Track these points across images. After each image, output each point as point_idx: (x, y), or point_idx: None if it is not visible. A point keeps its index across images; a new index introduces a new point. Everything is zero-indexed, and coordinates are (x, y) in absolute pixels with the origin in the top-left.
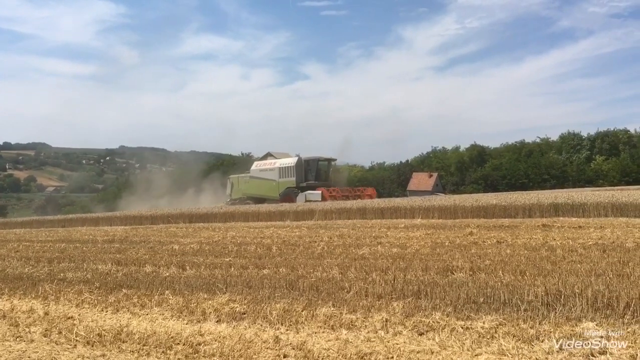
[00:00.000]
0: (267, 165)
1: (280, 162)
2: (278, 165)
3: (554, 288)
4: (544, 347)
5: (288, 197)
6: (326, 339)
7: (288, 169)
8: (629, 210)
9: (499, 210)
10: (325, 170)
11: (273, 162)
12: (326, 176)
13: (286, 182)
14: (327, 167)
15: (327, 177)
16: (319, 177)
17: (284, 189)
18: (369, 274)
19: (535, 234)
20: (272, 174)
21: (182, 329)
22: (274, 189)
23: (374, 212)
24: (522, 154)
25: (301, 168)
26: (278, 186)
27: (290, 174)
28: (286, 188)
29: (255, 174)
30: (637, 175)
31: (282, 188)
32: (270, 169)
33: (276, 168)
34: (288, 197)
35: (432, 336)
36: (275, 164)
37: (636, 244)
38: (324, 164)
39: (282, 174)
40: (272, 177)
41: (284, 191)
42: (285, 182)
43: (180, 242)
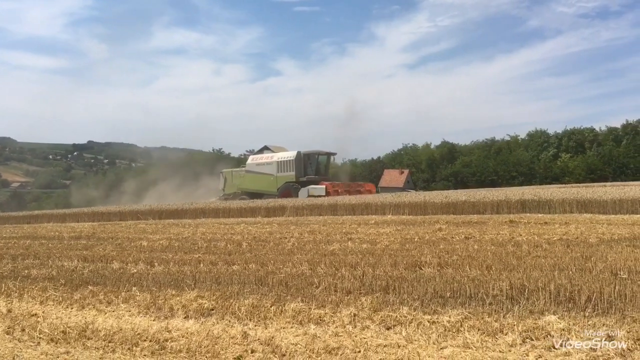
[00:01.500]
0: (264, 159)
1: (279, 155)
2: (276, 159)
3: (518, 282)
4: (507, 340)
5: (287, 192)
6: (294, 334)
7: (287, 163)
8: (593, 207)
9: (468, 207)
10: (324, 165)
11: (271, 155)
12: (325, 171)
13: (285, 176)
14: (326, 162)
15: (327, 172)
16: (319, 171)
17: (283, 184)
18: (338, 270)
19: (502, 230)
20: (270, 168)
21: (149, 325)
22: (271, 183)
23: (345, 209)
24: (491, 151)
25: (301, 162)
26: (276, 181)
27: (290, 169)
28: (285, 183)
29: (251, 168)
30: (602, 172)
31: (280, 183)
32: (268, 162)
33: (274, 162)
34: (287, 192)
35: (399, 330)
36: (274, 157)
37: (599, 240)
38: (324, 158)
39: (280, 168)
40: (270, 171)
41: (283, 186)
42: (283, 176)
43: (149, 239)
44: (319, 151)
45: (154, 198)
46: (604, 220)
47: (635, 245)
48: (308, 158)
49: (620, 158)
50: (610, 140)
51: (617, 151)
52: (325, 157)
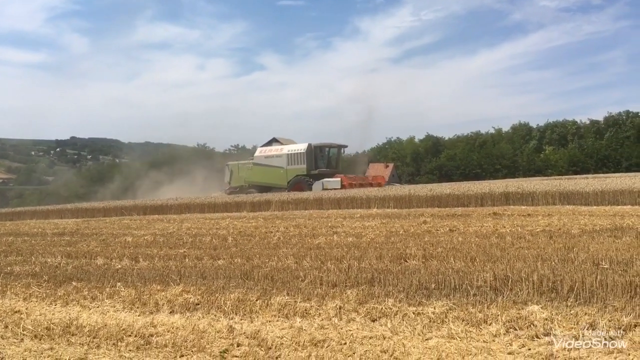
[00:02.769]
0: (273, 152)
1: (289, 148)
2: (286, 151)
3: (502, 273)
4: (491, 330)
5: (298, 185)
6: (280, 327)
7: (297, 156)
8: (576, 199)
9: (452, 200)
10: (335, 158)
11: (280, 148)
12: (337, 163)
13: (295, 169)
14: (337, 154)
15: (338, 165)
16: (330, 164)
17: (293, 177)
18: (324, 263)
19: (486, 222)
20: (280, 160)
21: (134, 320)
22: (281, 176)
23: (331, 203)
24: (475, 144)
25: (312, 155)
26: (286, 174)
27: (300, 161)
28: (295, 176)
29: (259, 161)
30: (584, 164)
31: (290, 176)
32: (278, 155)
33: (284, 154)
34: (298, 185)
35: (384, 322)
36: (283, 150)
37: (581, 230)
38: (335, 150)
39: (290, 160)
40: (279, 164)
41: (293, 179)
42: (294, 169)
43: (133, 234)
44: (330, 144)
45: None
46: (586, 211)
47: (616, 236)
48: (320, 150)
49: (602, 150)
50: (592, 133)
51: (599, 144)
52: (336, 150)
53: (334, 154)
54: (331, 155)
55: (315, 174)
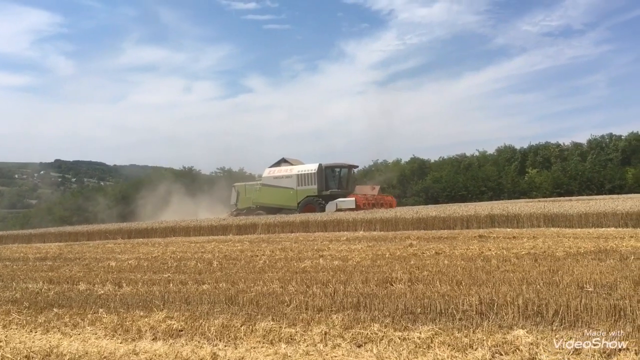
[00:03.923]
0: (282, 172)
1: (299, 168)
2: (296, 172)
3: (487, 297)
4: (477, 356)
5: (309, 206)
6: (265, 353)
7: (308, 176)
8: (560, 221)
9: (438, 222)
10: (346, 178)
11: (290, 168)
12: (347, 184)
13: (306, 190)
14: (347, 174)
15: (348, 185)
16: (341, 184)
17: (304, 198)
18: (309, 287)
19: (472, 245)
20: (290, 181)
21: (116, 348)
22: (291, 197)
23: (317, 225)
24: (461, 166)
25: (322, 175)
26: (296, 195)
27: (311, 182)
28: (306, 197)
29: (268, 182)
30: (568, 187)
31: (300, 197)
32: (287, 176)
33: (294, 175)
34: (309, 206)
35: (370, 348)
36: (293, 170)
37: (566, 253)
38: (346, 171)
39: (301, 181)
40: (289, 184)
41: (304, 200)
42: (304, 190)
43: (117, 259)
44: (341, 164)
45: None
46: (571, 234)
47: (600, 259)
48: (331, 171)
49: (585, 173)
50: (576, 155)
51: (582, 166)
52: (347, 170)
53: (344, 174)
54: (342, 176)
55: (327, 194)
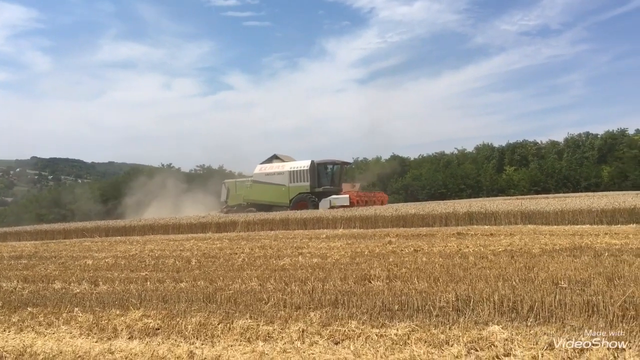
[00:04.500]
0: (274, 169)
1: (291, 165)
2: (288, 168)
3: (464, 294)
4: (453, 352)
5: (302, 203)
6: (242, 351)
7: (300, 173)
8: (537, 218)
9: (417, 220)
10: (338, 175)
11: (282, 165)
12: (339, 181)
13: (298, 187)
14: (339, 171)
15: (340, 182)
16: (333, 182)
17: (296, 195)
18: (288, 285)
19: (450, 242)
20: (282, 178)
21: (91, 347)
22: (283, 194)
23: (297, 223)
24: (440, 164)
25: (315, 172)
26: (288, 191)
27: (303, 179)
28: (298, 194)
29: (259, 178)
30: (545, 184)
31: (293, 194)
32: (279, 172)
33: (286, 172)
34: (302, 203)
35: (347, 345)
36: (285, 167)
37: (541, 250)
38: (338, 167)
39: (293, 178)
40: (281, 181)
41: (296, 197)
42: (296, 187)
43: (94, 257)
44: (333, 160)
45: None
46: (547, 230)
47: (575, 255)
48: (324, 168)
49: (562, 171)
50: (552, 153)
51: (559, 164)
52: (339, 167)
53: (337, 171)
54: (334, 172)
55: (320, 191)
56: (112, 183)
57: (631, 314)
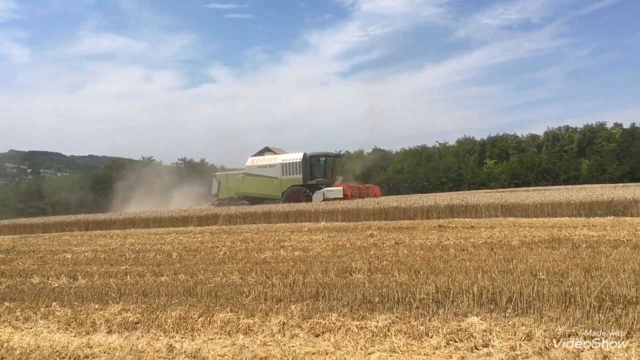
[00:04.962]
0: (266, 161)
1: (283, 157)
2: (280, 161)
3: (444, 286)
4: (432, 343)
5: (295, 195)
6: (222, 345)
7: (293, 165)
8: (517, 211)
9: (399, 212)
10: (331, 167)
11: (274, 157)
12: (332, 173)
13: (290, 179)
14: (332, 164)
15: (333, 175)
16: (326, 174)
17: (288, 187)
18: (269, 278)
19: (431, 235)
20: (274, 170)
21: (69, 341)
22: (275, 187)
23: (279, 216)
24: (422, 158)
25: (307, 164)
26: (281, 184)
27: (296, 171)
28: (291, 186)
29: (251, 171)
30: (525, 177)
31: (285, 186)
32: (271, 165)
33: (278, 164)
34: (295, 195)
35: (328, 337)
36: (277, 159)
37: (521, 242)
38: (330, 160)
39: (285, 170)
40: (273, 174)
41: (289, 189)
42: (289, 179)
43: (73, 251)
44: (326, 153)
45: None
46: (526, 223)
47: (553, 247)
48: (317, 160)
49: (541, 164)
50: (532, 147)
51: (538, 157)
52: (332, 159)
53: (329, 164)
54: (327, 165)
55: (313, 184)
56: (93, 176)
57: (607, 305)
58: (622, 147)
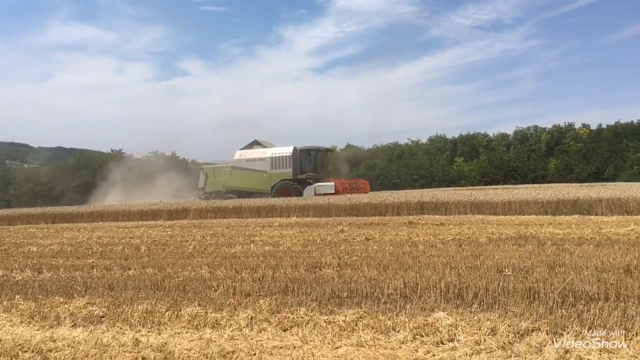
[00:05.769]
0: (255, 155)
1: (273, 151)
2: (270, 154)
3: (412, 281)
4: (399, 337)
5: (284, 190)
6: (189, 339)
7: (282, 159)
8: (485, 208)
9: (370, 209)
10: (321, 162)
11: (263, 151)
12: (322, 168)
13: (280, 173)
14: (323, 158)
15: (323, 169)
16: (316, 168)
17: (278, 182)
18: (238, 273)
19: (401, 231)
20: (263, 164)
21: (32, 335)
22: (264, 181)
23: (250, 211)
24: (394, 155)
25: (297, 158)
26: (270, 178)
27: (286, 165)
28: (280, 180)
29: (239, 164)
30: (494, 176)
31: (274, 180)
32: (260, 158)
33: (267, 158)
34: (284, 190)
35: (295, 331)
36: (267, 153)
37: (488, 239)
38: (321, 154)
39: (274, 164)
40: (262, 167)
41: (278, 184)
42: (278, 173)
43: (39, 244)
44: (317, 147)
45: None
46: (494, 220)
47: (520, 244)
48: (308, 154)
49: (510, 163)
50: (502, 146)
51: (507, 156)
52: (323, 154)
53: (320, 158)
54: (317, 159)
55: (303, 178)
56: (61, 167)
57: (570, 301)
58: (589, 148)
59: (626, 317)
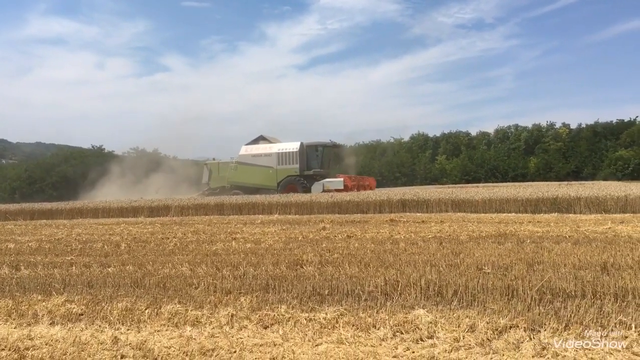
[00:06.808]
0: (261, 150)
1: (279, 147)
2: (276, 150)
3: (392, 278)
4: (379, 335)
5: (291, 186)
6: (169, 336)
7: (289, 155)
8: (466, 206)
9: (352, 206)
10: (328, 157)
11: (269, 146)
12: (329, 164)
13: (286, 169)
14: (330, 154)
15: (330, 165)
16: (323, 164)
17: (284, 178)
18: (219, 270)
19: (382, 229)
20: (269, 160)
21: (9, 333)
22: (270, 177)
23: (232, 208)
24: (376, 153)
25: (304, 154)
26: (276, 174)
27: (292, 161)
28: (287, 176)
29: (245, 160)
30: (475, 174)
31: (281, 176)
32: (266, 154)
33: (274, 153)
34: (291, 186)
35: (276, 329)
36: (273, 148)
37: (469, 237)
38: (329, 150)
39: (281, 160)
40: (268, 163)
41: (285, 180)
42: (284, 169)
43: (17, 241)
44: (324, 142)
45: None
46: (475, 218)
47: (499, 242)
48: (315, 150)
49: (491, 161)
50: (483, 144)
51: (488, 155)
52: (329, 149)
53: (327, 154)
54: (324, 155)
55: (310, 174)
56: (40, 164)
57: (548, 298)
58: (568, 147)
59: (602, 315)
